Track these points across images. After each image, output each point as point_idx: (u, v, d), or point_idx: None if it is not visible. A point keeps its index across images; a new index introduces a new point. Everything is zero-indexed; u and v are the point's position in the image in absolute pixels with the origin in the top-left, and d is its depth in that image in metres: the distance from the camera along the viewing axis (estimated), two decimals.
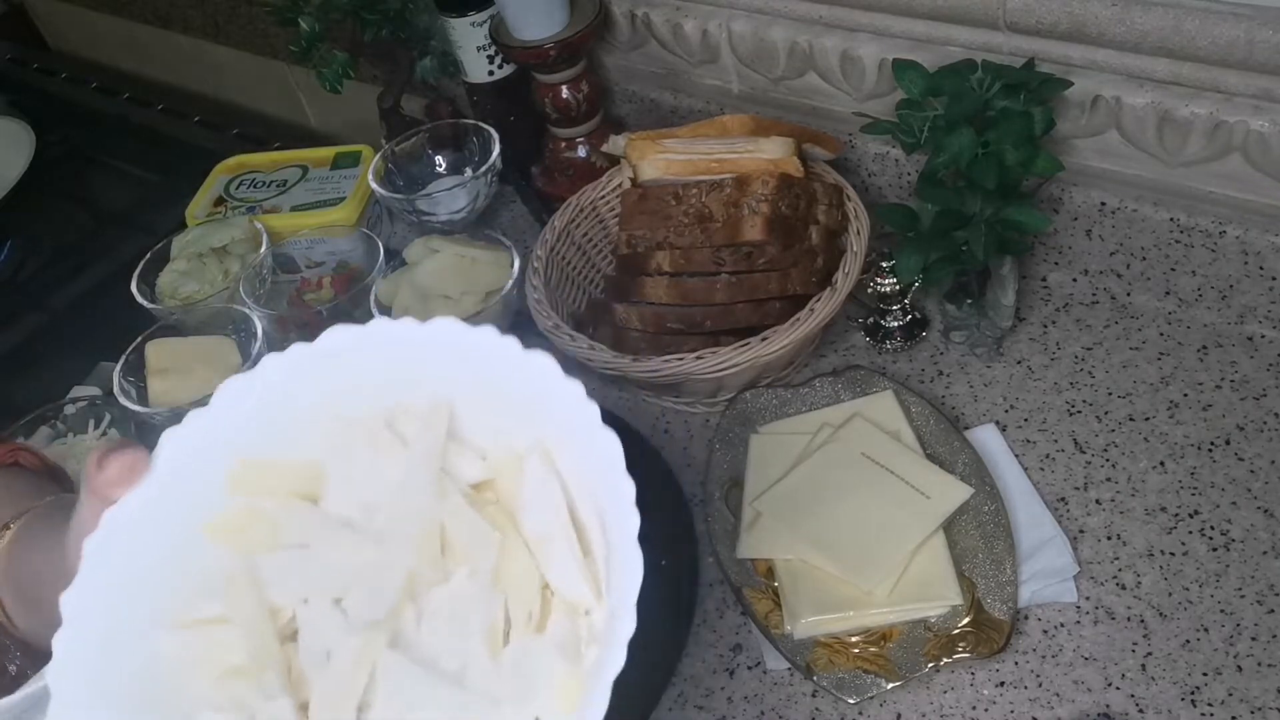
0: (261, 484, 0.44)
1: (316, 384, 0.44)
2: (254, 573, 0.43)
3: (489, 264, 0.91)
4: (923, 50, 0.87)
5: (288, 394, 0.44)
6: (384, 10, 1.06)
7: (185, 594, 0.43)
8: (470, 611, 0.41)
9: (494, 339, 0.42)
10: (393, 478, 0.44)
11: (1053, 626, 0.69)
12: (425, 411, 0.44)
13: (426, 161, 1.09)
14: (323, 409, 0.44)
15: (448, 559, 0.42)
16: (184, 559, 0.43)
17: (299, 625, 0.42)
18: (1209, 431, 0.77)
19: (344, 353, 0.44)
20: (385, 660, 0.40)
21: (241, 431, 0.44)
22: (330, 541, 0.43)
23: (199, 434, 0.43)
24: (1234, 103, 0.76)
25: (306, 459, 0.45)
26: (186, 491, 0.43)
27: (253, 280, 0.96)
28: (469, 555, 0.42)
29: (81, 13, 1.74)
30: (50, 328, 1.20)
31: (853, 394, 0.82)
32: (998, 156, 0.75)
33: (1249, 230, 0.80)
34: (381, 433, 0.44)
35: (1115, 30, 0.77)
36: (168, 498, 0.42)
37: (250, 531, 0.44)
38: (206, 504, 0.43)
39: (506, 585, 0.41)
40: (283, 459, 0.45)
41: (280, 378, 0.44)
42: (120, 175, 1.45)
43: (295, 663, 0.41)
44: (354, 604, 0.42)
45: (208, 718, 0.41)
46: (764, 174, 0.83)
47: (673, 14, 1.01)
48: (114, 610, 0.41)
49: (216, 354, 0.91)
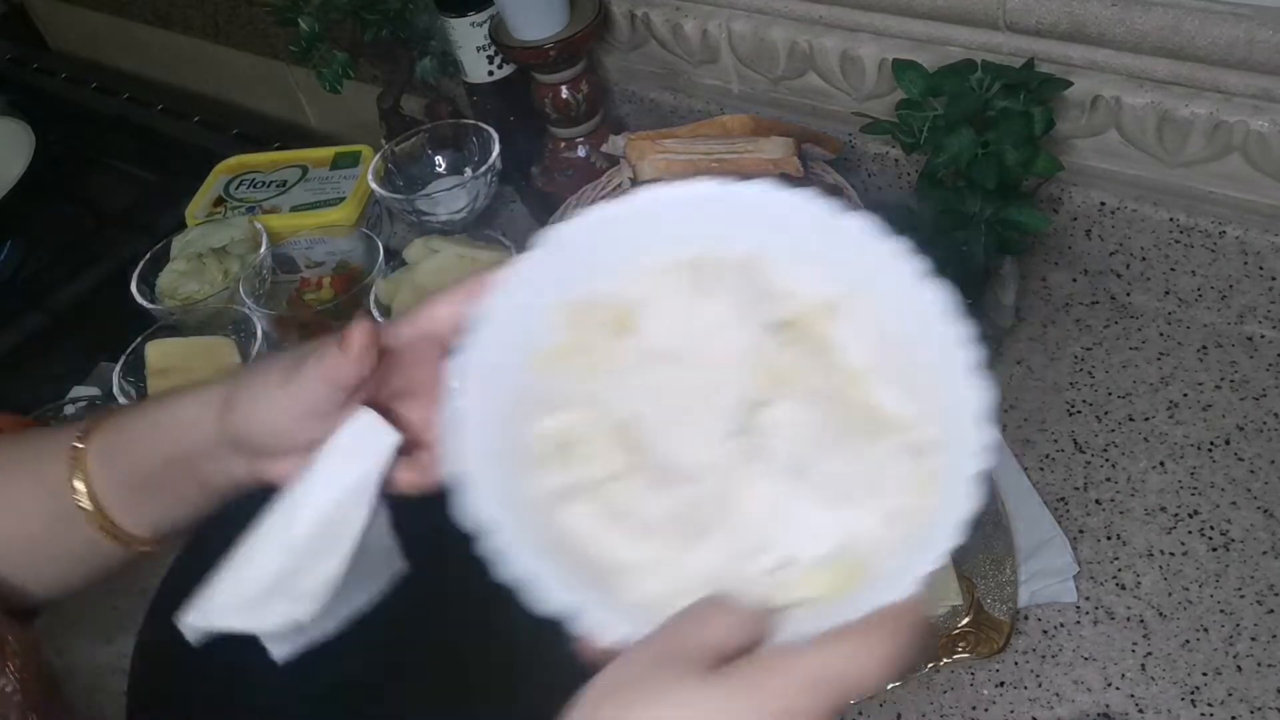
0: (582, 321, 0.47)
1: (629, 236, 0.47)
2: (592, 394, 0.46)
3: (489, 264, 0.91)
4: (923, 50, 0.87)
5: (600, 243, 0.47)
6: (384, 10, 1.06)
7: (538, 412, 0.46)
8: (804, 427, 0.43)
9: (807, 200, 0.45)
10: (708, 317, 0.46)
11: (1052, 626, 0.69)
12: (738, 259, 0.47)
13: (426, 162, 1.09)
14: (634, 259, 0.47)
15: (774, 385, 0.44)
16: (522, 388, 0.46)
17: (644, 438, 0.45)
18: (1209, 431, 0.77)
19: (656, 208, 0.47)
20: (737, 466, 0.43)
21: (560, 275, 0.47)
22: (655, 371, 0.46)
23: (523, 277, 0.46)
24: (1234, 103, 0.76)
25: (623, 300, 0.47)
26: (515, 329, 0.46)
27: (252, 280, 0.96)
28: (795, 380, 0.44)
29: (81, 13, 1.74)
30: (50, 328, 1.20)
31: None
32: (998, 156, 0.75)
33: (1249, 230, 0.80)
34: (695, 277, 0.47)
35: (1115, 30, 0.77)
36: (500, 335, 0.46)
37: (577, 361, 0.47)
38: (533, 341, 0.47)
39: (836, 405, 0.43)
40: (601, 300, 0.47)
41: (592, 229, 0.47)
42: (120, 175, 1.45)
43: (644, 471, 0.44)
44: (692, 420, 0.44)
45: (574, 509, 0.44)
46: (764, 174, 0.83)
47: (673, 14, 1.01)
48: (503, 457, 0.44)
49: (216, 354, 0.91)
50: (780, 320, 0.46)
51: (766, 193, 0.45)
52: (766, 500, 0.42)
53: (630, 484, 0.44)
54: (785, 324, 0.46)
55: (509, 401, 0.45)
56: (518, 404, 0.46)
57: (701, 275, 0.47)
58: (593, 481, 0.44)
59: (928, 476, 0.41)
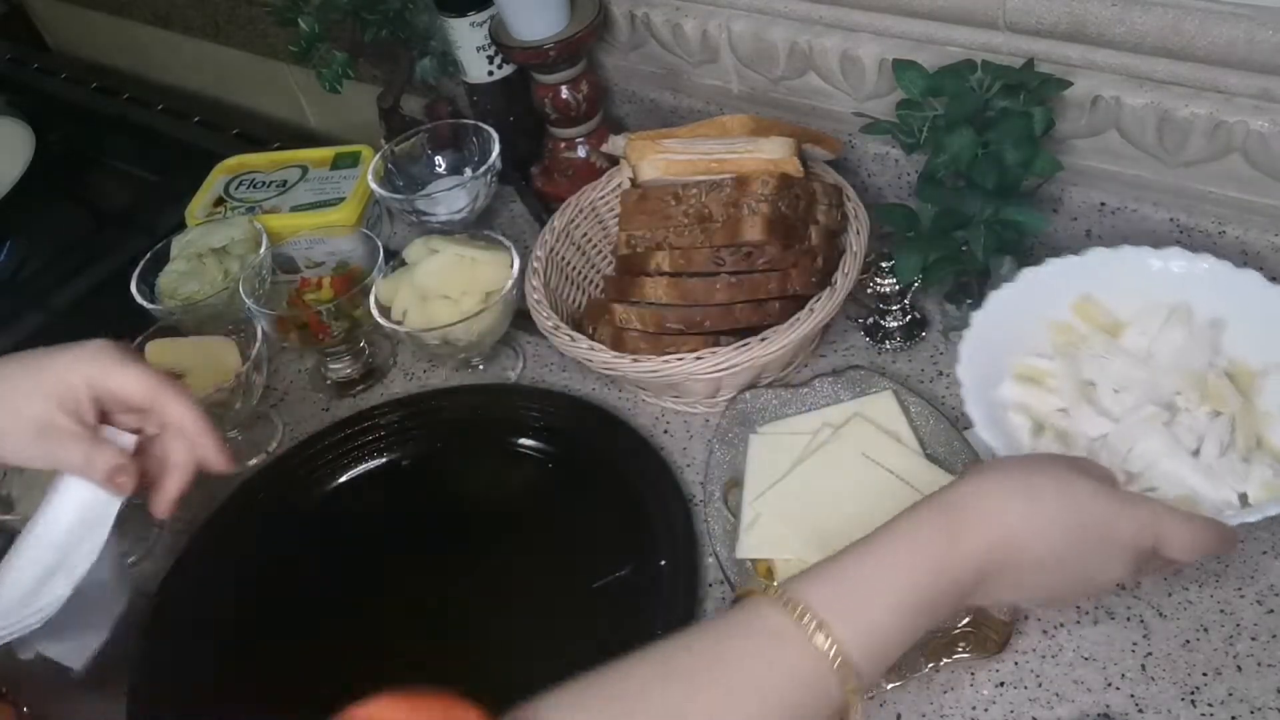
0: (1089, 314, 0.74)
1: (1143, 275, 0.74)
2: (1072, 358, 0.72)
3: (489, 264, 0.91)
4: (923, 50, 0.87)
5: (1126, 272, 0.74)
6: (384, 10, 1.06)
7: (1025, 353, 0.73)
8: (1210, 428, 0.67)
9: (1260, 281, 0.70)
10: (1172, 343, 0.71)
11: (1052, 626, 0.69)
12: (1207, 316, 0.72)
13: (426, 162, 1.09)
14: (1143, 292, 0.74)
15: (1201, 398, 0.68)
16: (1028, 334, 0.74)
17: (1094, 393, 0.71)
18: None
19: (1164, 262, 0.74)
20: (1150, 428, 0.67)
21: (1090, 277, 0.75)
22: (1121, 359, 0.71)
23: (1063, 266, 0.75)
24: (1234, 103, 0.76)
25: (1119, 315, 0.74)
26: (1037, 297, 0.74)
27: (252, 280, 0.96)
28: (1217, 400, 0.68)
29: (81, 13, 1.74)
30: (50, 328, 1.20)
31: (852, 394, 0.82)
32: (997, 156, 0.75)
33: (1249, 230, 0.80)
34: (1172, 317, 0.72)
35: (1115, 30, 0.77)
36: (1026, 295, 0.74)
37: (1072, 336, 0.74)
38: (1050, 311, 0.75)
39: (1238, 424, 0.67)
40: (1105, 306, 0.74)
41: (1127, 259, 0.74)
42: (120, 175, 1.45)
43: (1088, 415, 0.70)
44: (1134, 395, 0.70)
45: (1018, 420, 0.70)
46: (764, 174, 0.83)
47: (672, 14, 1.01)
48: (990, 363, 0.71)
49: (216, 354, 0.91)
50: (1221, 369, 0.70)
51: (1247, 274, 0.70)
52: (1158, 454, 0.66)
53: (1068, 416, 0.70)
54: (1225, 372, 0.69)
55: (1013, 337, 0.73)
56: (1017, 340, 0.73)
57: (1177, 317, 0.72)
58: (1046, 409, 0.70)
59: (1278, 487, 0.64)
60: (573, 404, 0.90)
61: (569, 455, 0.87)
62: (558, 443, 0.88)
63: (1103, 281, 0.74)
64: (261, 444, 0.97)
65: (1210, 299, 0.72)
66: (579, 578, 0.78)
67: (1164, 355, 0.71)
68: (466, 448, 0.91)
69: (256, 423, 0.98)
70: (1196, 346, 0.71)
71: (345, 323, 0.95)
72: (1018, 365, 0.73)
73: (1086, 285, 0.75)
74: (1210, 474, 0.65)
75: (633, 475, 0.82)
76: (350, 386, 1.00)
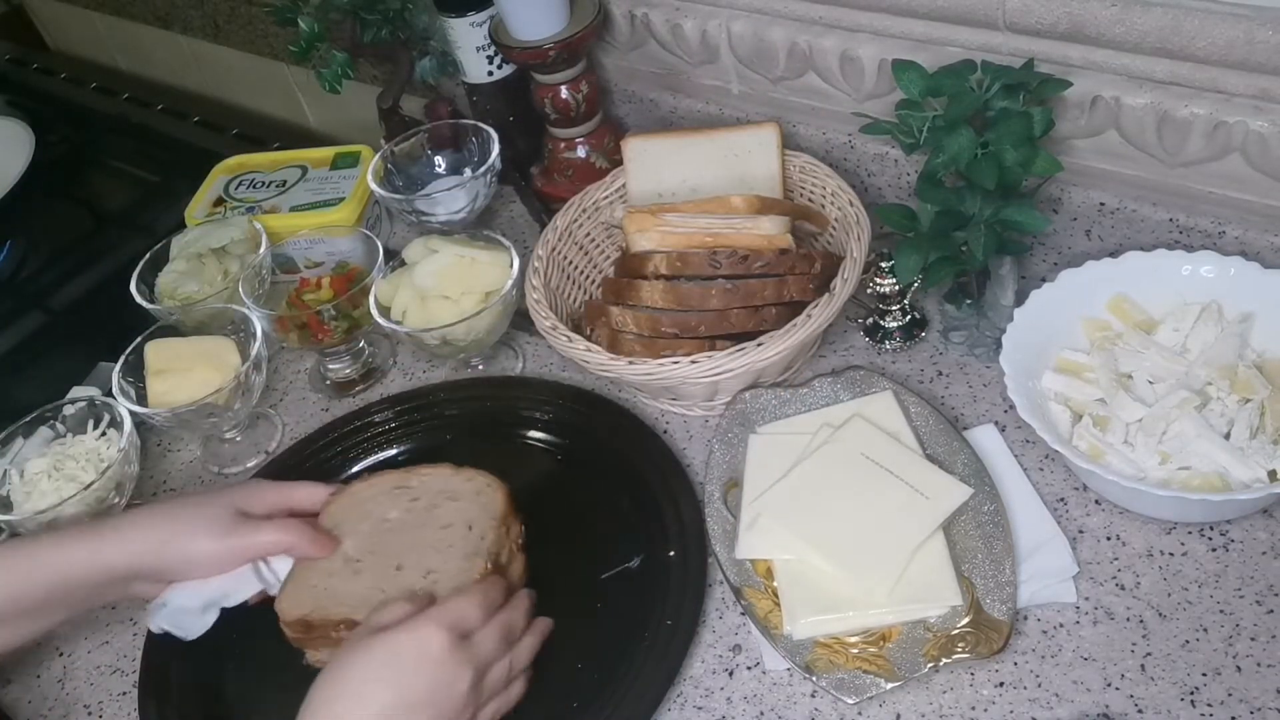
0: (1125, 312, 0.79)
1: (1180, 275, 0.78)
2: (1109, 352, 0.77)
3: (489, 264, 0.91)
4: (923, 50, 0.87)
5: (1161, 274, 0.79)
6: (384, 10, 1.06)
7: (1063, 346, 0.78)
8: (1240, 413, 0.72)
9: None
10: (1204, 338, 0.76)
11: (1052, 627, 0.69)
12: (1237, 313, 0.77)
13: (426, 162, 1.09)
14: (1178, 292, 0.78)
15: (1232, 386, 0.73)
16: (1066, 331, 0.79)
17: (1130, 383, 0.76)
18: None
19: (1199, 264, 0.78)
20: (1183, 411, 0.72)
21: (1131, 276, 0.79)
22: (1155, 353, 0.76)
23: (1089, 273, 0.79)
24: (1234, 103, 0.76)
25: (1153, 313, 0.79)
26: (1074, 296, 0.79)
27: (252, 280, 0.96)
28: (1246, 389, 0.72)
29: (81, 13, 1.74)
30: (50, 328, 1.20)
31: (852, 394, 0.82)
32: (997, 157, 0.75)
33: (1249, 230, 0.81)
34: (1205, 314, 0.76)
35: (1115, 30, 0.77)
36: (1068, 290, 0.79)
37: (1106, 332, 0.79)
38: (1088, 308, 0.79)
39: (1267, 410, 0.71)
40: (1139, 304, 0.79)
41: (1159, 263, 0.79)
42: (120, 175, 1.45)
43: (1125, 402, 0.74)
44: (1168, 384, 0.74)
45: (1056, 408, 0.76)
46: (758, 248, 0.83)
47: (672, 14, 1.01)
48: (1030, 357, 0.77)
49: (216, 354, 0.91)
50: (1250, 361, 0.74)
51: (1275, 274, 0.75)
52: (1191, 435, 0.71)
53: (1105, 405, 0.75)
54: (1254, 364, 0.74)
55: (1051, 333, 0.78)
56: (1055, 336, 0.78)
57: (1208, 314, 0.76)
58: (1084, 399, 0.76)
59: None
60: (579, 396, 0.91)
61: (577, 447, 0.87)
62: (566, 435, 0.88)
63: (1136, 282, 0.79)
64: (261, 444, 0.97)
65: (1239, 297, 0.76)
66: (588, 569, 0.78)
67: (1196, 349, 0.76)
68: (473, 441, 0.91)
69: (256, 423, 0.98)
70: (1227, 341, 0.75)
71: (345, 323, 0.95)
72: (1057, 358, 0.78)
73: (1121, 286, 0.79)
74: (1240, 454, 0.70)
75: (641, 467, 0.83)
76: (350, 386, 1.00)
